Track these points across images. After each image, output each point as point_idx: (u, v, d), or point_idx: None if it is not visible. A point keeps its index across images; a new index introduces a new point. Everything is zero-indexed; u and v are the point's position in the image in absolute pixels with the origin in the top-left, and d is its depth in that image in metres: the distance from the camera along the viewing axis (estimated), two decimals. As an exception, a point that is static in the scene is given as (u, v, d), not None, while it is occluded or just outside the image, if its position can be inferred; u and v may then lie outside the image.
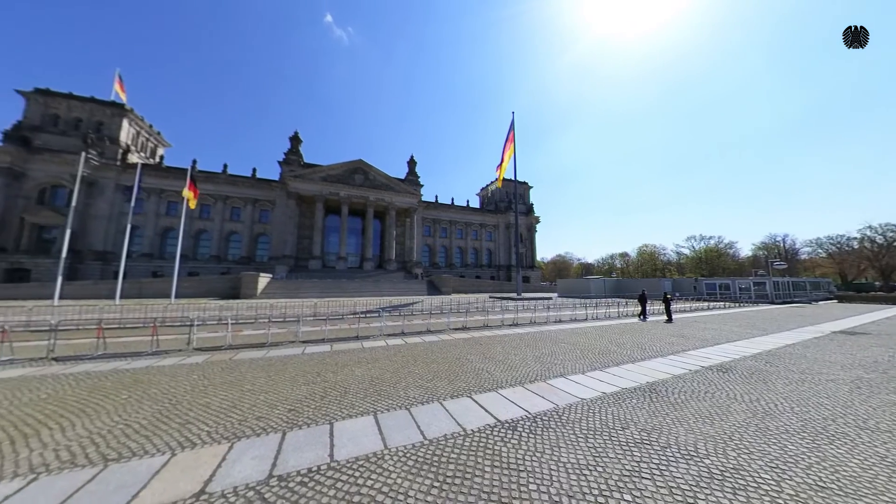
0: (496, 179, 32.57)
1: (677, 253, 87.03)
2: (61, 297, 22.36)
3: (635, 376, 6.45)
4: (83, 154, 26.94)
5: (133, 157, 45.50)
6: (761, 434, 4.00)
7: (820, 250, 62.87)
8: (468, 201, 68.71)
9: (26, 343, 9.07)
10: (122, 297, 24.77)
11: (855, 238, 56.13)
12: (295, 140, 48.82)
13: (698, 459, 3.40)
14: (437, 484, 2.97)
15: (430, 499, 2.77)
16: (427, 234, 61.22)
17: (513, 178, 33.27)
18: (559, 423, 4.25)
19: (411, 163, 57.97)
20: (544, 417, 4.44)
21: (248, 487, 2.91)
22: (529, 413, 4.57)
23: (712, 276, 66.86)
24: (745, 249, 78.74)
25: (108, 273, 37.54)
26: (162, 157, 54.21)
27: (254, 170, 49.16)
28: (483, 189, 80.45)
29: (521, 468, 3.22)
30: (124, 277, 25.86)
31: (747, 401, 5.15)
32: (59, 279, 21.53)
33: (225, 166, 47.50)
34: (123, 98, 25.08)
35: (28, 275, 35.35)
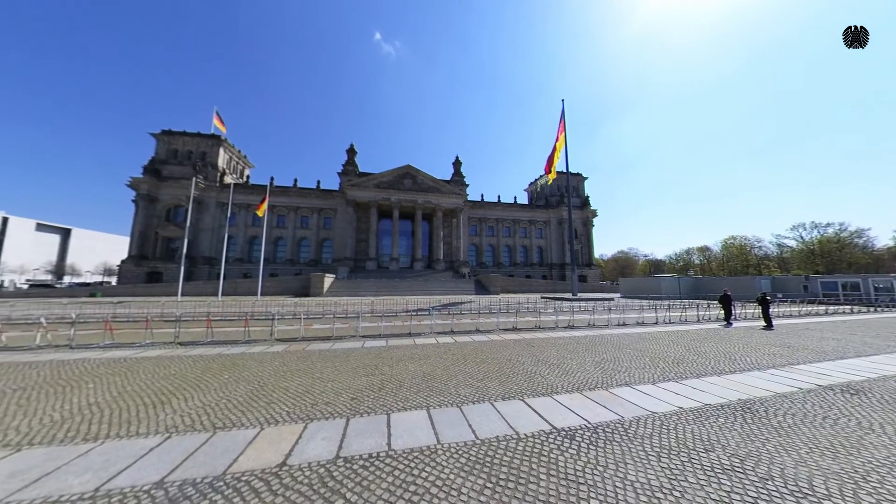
0: (546, 173, 30.77)
1: (779, 245, 71.42)
2: (182, 294, 28.05)
3: (722, 391, 5.52)
4: (193, 179, 33.37)
5: (227, 179, 54.57)
6: (915, 478, 3.08)
7: None
8: (515, 198, 66.57)
9: (161, 330, 11.56)
10: (222, 294, 30.04)
11: None
12: (351, 152, 53.21)
13: (814, 500, 2.77)
14: (489, 485, 2.95)
15: (482, 499, 2.76)
16: (473, 234, 61.06)
17: (565, 170, 31.23)
18: (625, 437, 3.86)
19: (456, 163, 58.44)
20: (607, 429, 4.08)
21: (320, 465, 3.27)
22: (589, 423, 4.25)
23: (831, 272, 53.73)
24: (884, 238, 61.21)
25: (213, 275, 45.71)
26: (248, 177, 63.97)
27: (318, 182, 55.28)
28: (531, 184, 76.97)
29: (581, 481, 3.01)
30: (224, 278, 31.25)
31: (890, 433, 4.02)
32: (181, 280, 27.05)
33: (295, 181, 54.16)
34: (223, 130, 30.48)
35: (160, 276, 45.14)
